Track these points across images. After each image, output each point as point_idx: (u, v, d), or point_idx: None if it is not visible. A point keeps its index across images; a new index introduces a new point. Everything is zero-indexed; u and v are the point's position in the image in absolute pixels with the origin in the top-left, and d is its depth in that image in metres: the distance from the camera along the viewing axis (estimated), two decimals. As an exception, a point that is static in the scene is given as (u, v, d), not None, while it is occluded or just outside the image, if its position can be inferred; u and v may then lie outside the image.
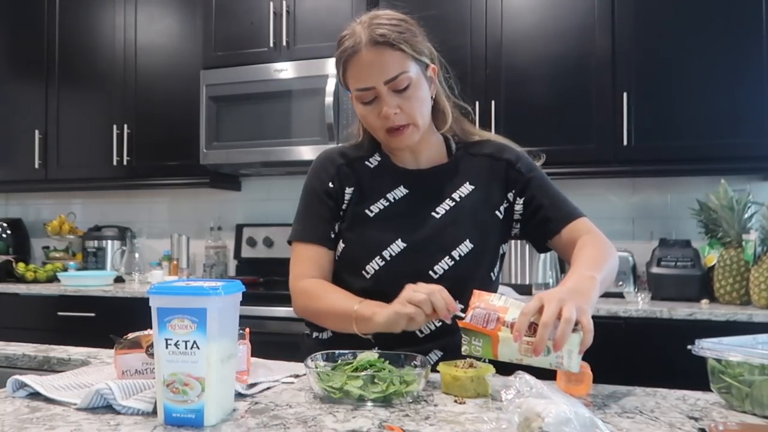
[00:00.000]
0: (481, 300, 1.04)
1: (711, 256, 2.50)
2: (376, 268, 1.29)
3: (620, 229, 2.94)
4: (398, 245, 1.29)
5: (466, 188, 1.34)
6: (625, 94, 2.58)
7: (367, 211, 1.33)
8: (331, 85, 2.85)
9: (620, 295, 2.56)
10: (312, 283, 1.32)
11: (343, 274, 1.34)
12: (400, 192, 1.34)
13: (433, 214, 1.32)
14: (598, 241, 1.25)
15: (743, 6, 2.49)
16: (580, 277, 1.10)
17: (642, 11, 2.60)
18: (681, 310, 2.25)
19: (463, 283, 1.28)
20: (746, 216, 2.41)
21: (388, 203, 1.33)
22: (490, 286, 1.35)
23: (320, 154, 1.42)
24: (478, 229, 1.32)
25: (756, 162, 2.49)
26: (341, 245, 1.34)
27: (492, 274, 1.35)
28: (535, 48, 2.73)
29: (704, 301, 2.43)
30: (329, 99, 2.84)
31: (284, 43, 2.99)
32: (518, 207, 1.35)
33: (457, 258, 1.28)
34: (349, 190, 1.35)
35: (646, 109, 2.58)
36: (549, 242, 1.34)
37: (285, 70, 2.97)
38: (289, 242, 1.38)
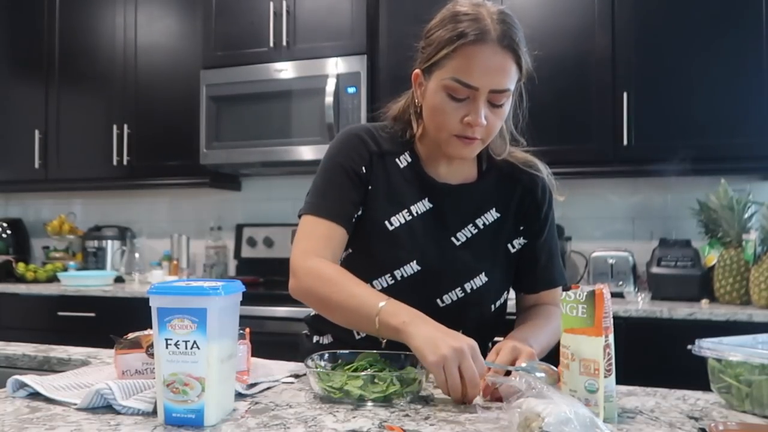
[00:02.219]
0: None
1: (711, 256, 2.50)
2: (385, 285, 1.20)
3: (620, 229, 2.94)
4: (412, 267, 1.21)
5: (492, 215, 1.27)
6: (625, 94, 2.58)
7: (386, 222, 1.22)
8: (331, 85, 2.85)
9: (620, 295, 2.56)
10: (327, 266, 1.16)
11: None
12: (424, 206, 1.24)
13: (452, 239, 1.24)
14: (558, 320, 1.25)
15: (743, 6, 2.49)
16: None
17: (642, 11, 2.60)
18: (681, 310, 2.25)
19: (469, 314, 1.25)
20: (746, 216, 2.41)
21: (410, 217, 1.23)
22: (494, 318, 1.30)
23: (349, 129, 1.29)
24: (494, 262, 1.26)
25: (756, 162, 2.50)
26: (348, 250, 1.26)
27: (494, 305, 1.29)
28: (534, 48, 2.72)
29: (704, 301, 2.43)
30: (329, 99, 2.84)
31: (284, 43, 2.99)
32: (517, 244, 1.30)
33: (468, 291, 1.23)
34: (370, 187, 1.24)
35: (646, 109, 2.58)
36: (517, 293, 1.35)
37: (285, 70, 2.97)
38: (300, 215, 1.25)
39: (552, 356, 1.07)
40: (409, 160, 1.27)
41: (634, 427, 0.89)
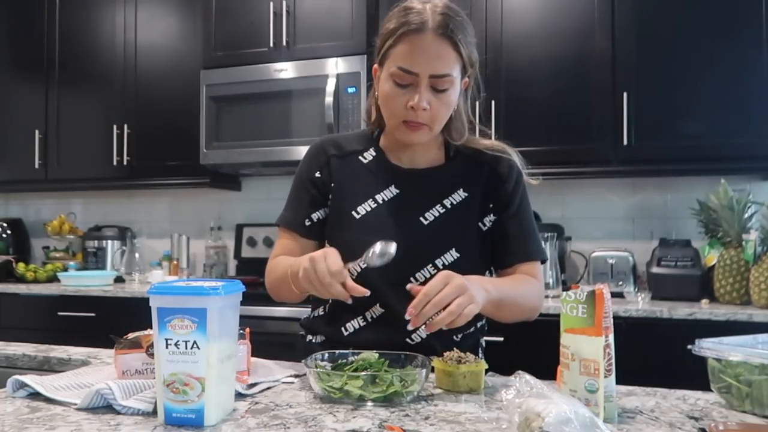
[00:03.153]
0: None
1: (711, 256, 2.50)
2: (359, 270, 1.24)
3: (620, 229, 2.94)
4: None
5: (459, 195, 1.32)
6: (625, 94, 2.58)
7: (353, 212, 1.30)
8: (331, 85, 2.85)
9: (620, 295, 2.56)
10: (270, 263, 1.34)
11: None
12: (390, 193, 1.31)
13: (421, 219, 1.29)
14: (531, 285, 1.30)
15: (743, 6, 2.49)
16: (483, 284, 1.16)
17: (642, 11, 2.60)
18: (681, 310, 2.25)
19: None
20: (746, 216, 2.40)
21: (376, 204, 1.30)
22: None
23: (316, 140, 1.41)
24: (465, 238, 1.30)
25: (756, 162, 2.50)
26: (327, 245, 1.32)
27: None
28: (535, 48, 2.73)
29: (704, 301, 2.43)
30: (329, 99, 2.83)
31: (284, 43, 2.99)
32: (488, 221, 1.34)
33: (441, 267, 1.26)
34: (332, 184, 1.34)
35: (646, 109, 2.58)
36: (496, 274, 1.37)
37: (285, 70, 2.97)
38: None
39: (552, 356, 1.07)
40: (374, 154, 1.36)
41: (634, 427, 0.89)
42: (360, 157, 1.36)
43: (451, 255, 1.27)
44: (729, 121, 2.48)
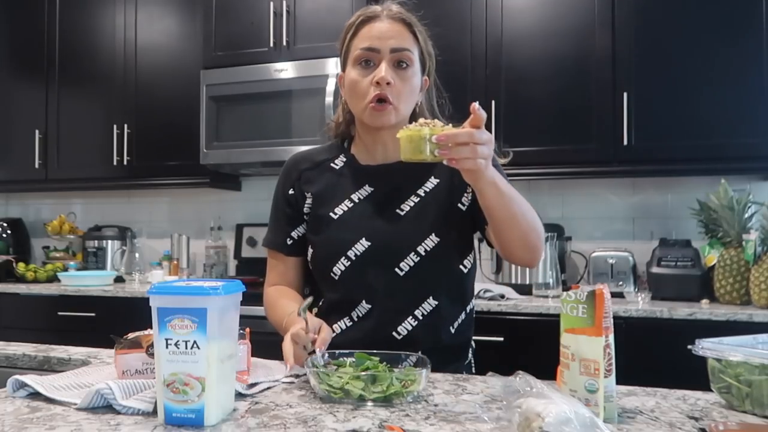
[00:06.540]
0: None
1: (711, 256, 2.50)
2: (342, 268, 1.29)
3: (620, 229, 2.94)
4: (363, 244, 1.29)
5: (432, 182, 1.34)
6: (625, 94, 2.58)
7: (331, 213, 1.33)
8: (331, 85, 2.85)
9: (620, 295, 2.56)
10: (270, 293, 1.39)
11: (317, 278, 1.37)
12: (365, 191, 1.34)
13: (397, 211, 1.32)
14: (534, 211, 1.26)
15: (743, 6, 2.49)
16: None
17: (642, 11, 2.60)
18: (681, 310, 2.25)
19: (432, 278, 1.29)
20: (746, 216, 2.40)
21: (352, 204, 1.33)
22: (464, 280, 1.35)
23: (289, 157, 1.46)
24: (443, 222, 1.31)
25: (756, 162, 2.50)
26: (310, 250, 1.36)
27: (463, 266, 1.33)
28: (535, 48, 2.73)
29: (704, 301, 2.43)
30: (329, 99, 2.83)
31: (284, 43, 2.99)
32: (465, 201, 1.34)
33: (423, 253, 1.28)
34: (309, 194, 1.37)
35: (646, 109, 2.58)
36: (486, 231, 1.32)
37: (285, 70, 2.97)
38: None
39: (552, 356, 1.07)
40: (344, 159, 1.40)
41: (634, 427, 0.89)
42: (332, 164, 1.39)
43: (432, 240, 1.29)
44: (729, 121, 2.48)
